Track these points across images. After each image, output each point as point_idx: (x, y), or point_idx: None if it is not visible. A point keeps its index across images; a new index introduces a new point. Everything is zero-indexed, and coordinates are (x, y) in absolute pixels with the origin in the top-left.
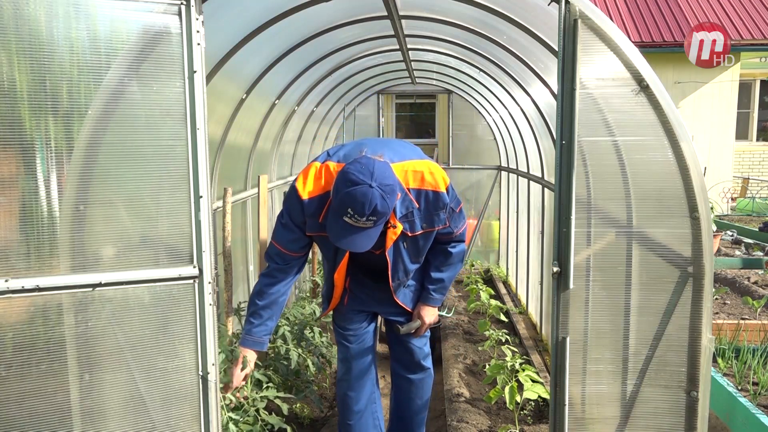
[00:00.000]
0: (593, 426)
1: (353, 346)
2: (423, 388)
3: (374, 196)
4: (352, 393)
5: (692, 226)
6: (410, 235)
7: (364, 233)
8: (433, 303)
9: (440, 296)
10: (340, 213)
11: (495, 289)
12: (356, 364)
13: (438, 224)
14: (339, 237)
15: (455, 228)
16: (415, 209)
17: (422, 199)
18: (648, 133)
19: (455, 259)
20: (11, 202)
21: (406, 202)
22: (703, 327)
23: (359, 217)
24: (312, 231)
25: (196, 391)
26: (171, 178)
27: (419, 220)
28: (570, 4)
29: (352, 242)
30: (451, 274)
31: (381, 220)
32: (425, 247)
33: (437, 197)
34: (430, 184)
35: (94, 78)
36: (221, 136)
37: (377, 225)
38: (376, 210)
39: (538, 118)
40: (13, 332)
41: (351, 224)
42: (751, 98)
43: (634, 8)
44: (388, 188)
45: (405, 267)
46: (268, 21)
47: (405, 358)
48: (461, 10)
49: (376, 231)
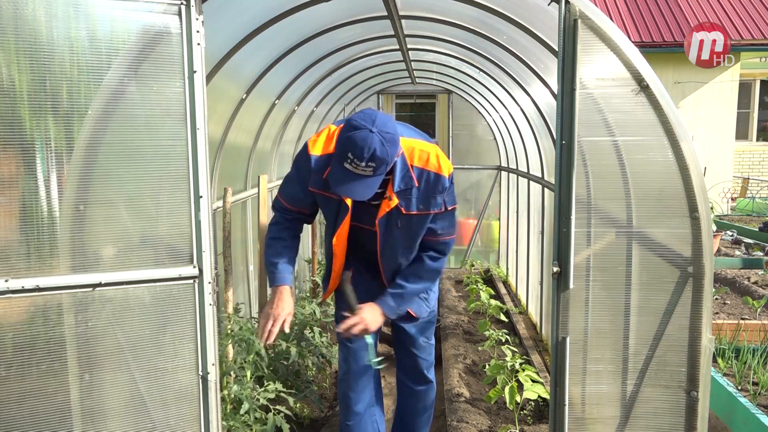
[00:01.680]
0: (593, 426)
1: (354, 347)
2: (426, 398)
3: (374, 140)
4: (352, 394)
5: (692, 226)
6: (404, 212)
7: (363, 181)
8: (383, 306)
9: (394, 304)
10: (341, 158)
11: (495, 289)
12: (357, 365)
13: (434, 208)
14: (338, 183)
15: (441, 228)
16: (414, 188)
17: (423, 180)
18: (648, 133)
19: (427, 272)
20: (11, 202)
21: (406, 179)
22: (703, 327)
23: (358, 162)
24: (316, 187)
25: (196, 391)
26: (171, 178)
27: (416, 200)
28: (570, 4)
29: (352, 189)
30: (415, 288)
31: (380, 168)
32: (417, 234)
33: (438, 180)
34: (434, 166)
35: (94, 78)
36: (221, 136)
37: (377, 174)
38: (374, 155)
39: (538, 118)
40: (14, 332)
41: (351, 170)
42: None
43: (634, 8)
44: (389, 136)
45: (395, 251)
46: (268, 21)
47: (408, 366)
48: (461, 10)
49: (375, 181)
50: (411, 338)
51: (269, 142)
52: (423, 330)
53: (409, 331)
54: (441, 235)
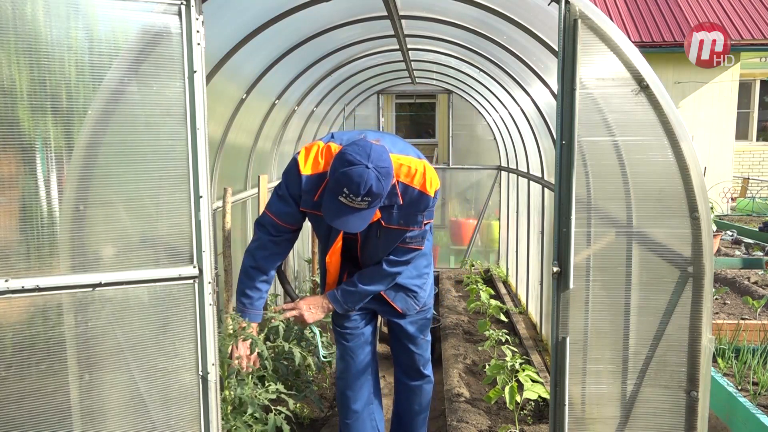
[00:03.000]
0: (593, 426)
1: (351, 345)
2: (422, 394)
3: (370, 176)
4: (350, 392)
5: (692, 226)
6: (384, 225)
7: (358, 214)
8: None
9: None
10: (335, 192)
11: (495, 289)
12: (354, 363)
13: (413, 225)
14: (333, 217)
15: (411, 238)
16: (397, 204)
17: (407, 196)
18: (648, 133)
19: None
20: (11, 202)
21: (391, 195)
22: (703, 327)
23: (354, 197)
24: (306, 207)
25: (196, 391)
26: (171, 178)
27: (397, 215)
28: (570, 4)
29: (346, 222)
30: (365, 289)
31: (375, 202)
32: (395, 242)
33: (421, 198)
34: (420, 183)
35: (94, 78)
36: (221, 136)
37: (371, 207)
38: (371, 191)
39: (538, 118)
40: (13, 332)
41: (346, 204)
42: (751, 98)
43: (634, 8)
44: (384, 170)
45: (373, 259)
46: (268, 21)
47: (404, 362)
48: (461, 10)
49: (370, 213)
50: (408, 335)
51: (269, 142)
52: (421, 328)
53: (407, 328)
54: (408, 243)
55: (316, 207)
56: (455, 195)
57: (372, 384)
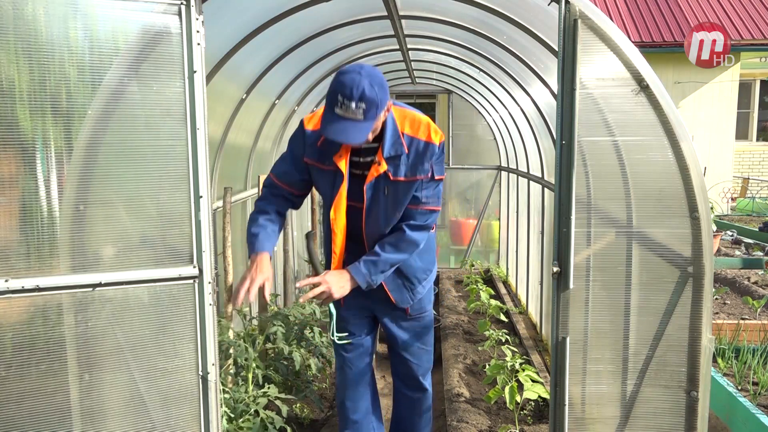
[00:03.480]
0: (593, 426)
1: (350, 356)
2: (421, 406)
3: (362, 81)
4: (349, 402)
5: (692, 226)
6: (392, 178)
7: (355, 125)
8: (353, 271)
9: (366, 271)
10: (332, 104)
11: (495, 289)
12: (354, 374)
13: (421, 174)
14: (330, 128)
15: (426, 197)
16: (403, 154)
17: (413, 147)
18: (648, 133)
19: (405, 242)
20: (11, 202)
21: (396, 145)
22: (703, 327)
23: (348, 103)
24: (311, 158)
25: (196, 391)
26: (171, 178)
27: (404, 166)
28: (570, 4)
29: (343, 131)
30: (390, 257)
31: (370, 112)
32: (401, 203)
33: (427, 147)
34: (425, 134)
35: (94, 78)
36: (221, 136)
37: (367, 118)
38: (364, 95)
39: (538, 118)
40: (13, 332)
41: (341, 115)
42: (751, 98)
43: (634, 8)
44: (377, 80)
45: (378, 220)
46: (268, 21)
47: (402, 372)
48: (461, 10)
49: (366, 125)
50: (403, 343)
51: (269, 142)
52: (416, 335)
53: (398, 335)
54: (424, 204)
55: (321, 157)
56: (455, 195)
57: (371, 394)
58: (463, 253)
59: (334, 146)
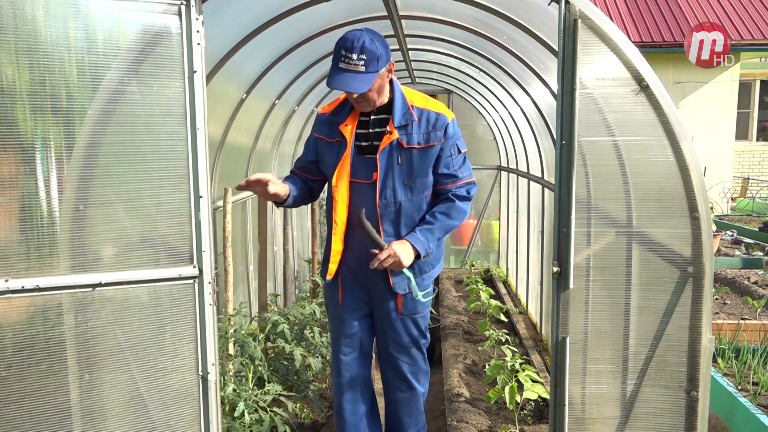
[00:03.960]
0: (593, 426)
1: (348, 358)
2: (409, 405)
3: (363, 35)
4: (347, 405)
5: (692, 226)
6: (405, 146)
7: (357, 76)
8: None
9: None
10: (336, 60)
11: (495, 289)
12: (351, 377)
13: (434, 140)
14: (334, 80)
15: (458, 171)
16: (414, 123)
17: (423, 118)
18: (648, 133)
19: (456, 211)
20: (11, 202)
21: (406, 115)
22: (703, 327)
23: (350, 54)
24: (320, 133)
25: (196, 391)
26: (171, 178)
27: (416, 135)
28: (570, 4)
29: (345, 81)
30: (444, 224)
31: (372, 64)
32: (419, 171)
33: (438, 118)
34: (434, 107)
35: (94, 78)
36: (221, 136)
37: (369, 71)
38: (364, 46)
39: (538, 118)
40: (13, 332)
41: (344, 68)
42: (751, 98)
43: (634, 8)
44: (377, 36)
45: (395, 190)
46: (268, 21)
47: (390, 370)
48: (461, 10)
49: (368, 77)
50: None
51: (269, 142)
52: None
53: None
54: (462, 179)
55: (329, 131)
56: None
57: (369, 396)
58: (463, 253)
59: (339, 117)
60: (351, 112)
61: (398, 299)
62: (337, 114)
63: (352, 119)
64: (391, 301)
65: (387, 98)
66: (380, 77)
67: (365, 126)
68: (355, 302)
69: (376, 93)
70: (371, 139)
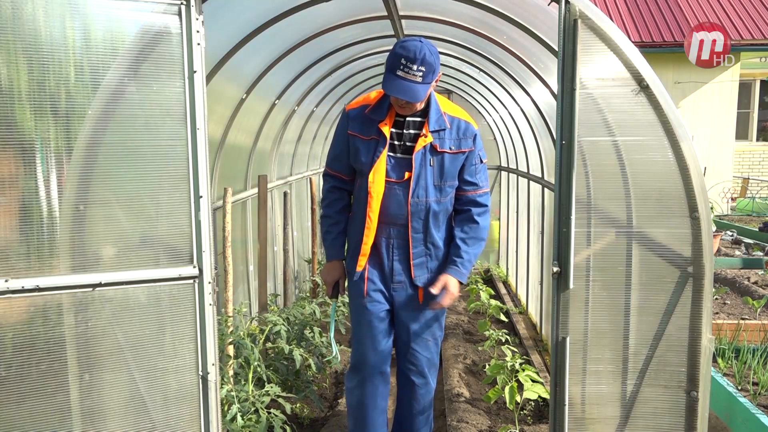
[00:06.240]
0: (593, 426)
1: (370, 353)
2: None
3: (423, 48)
4: (369, 400)
5: (692, 226)
6: (438, 150)
7: (413, 86)
8: (456, 275)
9: (465, 271)
10: (393, 68)
11: (495, 289)
12: (372, 372)
13: (465, 147)
14: (392, 86)
15: (480, 180)
16: (447, 129)
17: (455, 125)
18: (648, 133)
19: (479, 231)
20: (11, 202)
21: (440, 121)
22: (703, 327)
23: (411, 65)
24: (354, 130)
25: (196, 392)
26: (171, 178)
27: (448, 140)
28: (570, 4)
29: (404, 90)
30: (475, 251)
31: (428, 76)
32: (449, 175)
33: (468, 127)
34: (464, 116)
35: (94, 78)
36: (221, 136)
37: (425, 82)
38: (425, 59)
39: (538, 118)
40: (13, 332)
41: (402, 77)
42: (751, 98)
43: (634, 8)
44: (434, 49)
45: (426, 190)
46: (268, 21)
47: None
48: (461, 10)
49: (424, 88)
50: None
51: (269, 142)
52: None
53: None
54: (482, 188)
55: (364, 128)
56: None
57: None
58: None
59: (378, 116)
60: (389, 111)
61: (419, 292)
62: (375, 112)
63: (390, 119)
64: (414, 294)
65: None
66: (431, 87)
67: (400, 126)
68: (379, 295)
69: (420, 104)
70: (405, 140)
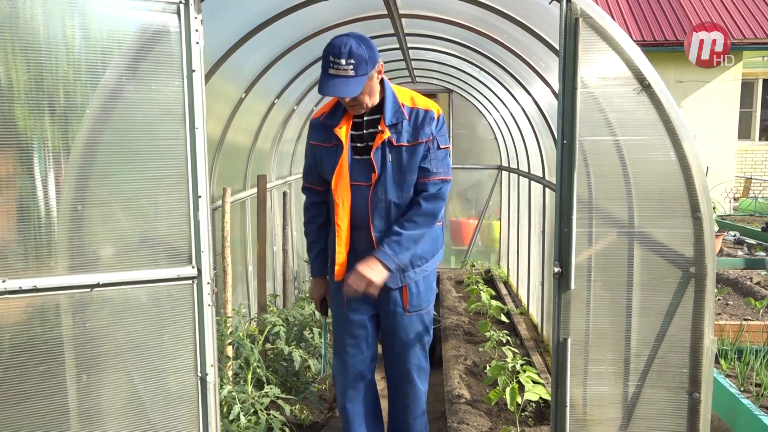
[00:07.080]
0: (594, 427)
1: (353, 360)
2: (415, 405)
3: (349, 41)
4: (352, 407)
5: (694, 226)
6: (395, 144)
7: (347, 80)
8: (381, 257)
9: (391, 252)
10: (325, 66)
11: (496, 289)
12: (356, 379)
13: (422, 137)
14: (325, 86)
15: (435, 167)
16: (404, 121)
17: (413, 115)
18: (650, 133)
19: (422, 216)
20: (9, 202)
21: (397, 114)
22: (705, 328)
23: (338, 60)
24: (315, 140)
25: (194, 392)
26: (169, 177)
27: (406, 133)
28: (571, 3)
29: (336, 87)
30: (411, 233)
31: (360, 68)
32: (407, 170)
33: (426, 114)
34: (423, 105)
35: (92, 77)
36: (220, 136)
37: (358, 74)
38: (351, 51)
39: (539, 117)
40: (11, 333)
41: (334, 74)
42: (753, 97)
43: (635, 7)
44: (363, 39)
45: (386, 187)
46: (268, 20)
47: (395, 372)
48: (462, 9)
49: (358, 81)
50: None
51: (268, 141)
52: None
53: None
54: (435, 174)
55: (325, 136)
56: (456, 195)
57: (373, 398)
58: (464, 254)
59: (333, 121)
60: (345, 114)
61: (404, 297)
62: (330, 117)
63: (346, 121)
64: (398, 299)
65: (378, 99)
66: (370, 79)
67: (359, 127)
68: (360, 303)
69: (367, 96)
70: (366, 140)
